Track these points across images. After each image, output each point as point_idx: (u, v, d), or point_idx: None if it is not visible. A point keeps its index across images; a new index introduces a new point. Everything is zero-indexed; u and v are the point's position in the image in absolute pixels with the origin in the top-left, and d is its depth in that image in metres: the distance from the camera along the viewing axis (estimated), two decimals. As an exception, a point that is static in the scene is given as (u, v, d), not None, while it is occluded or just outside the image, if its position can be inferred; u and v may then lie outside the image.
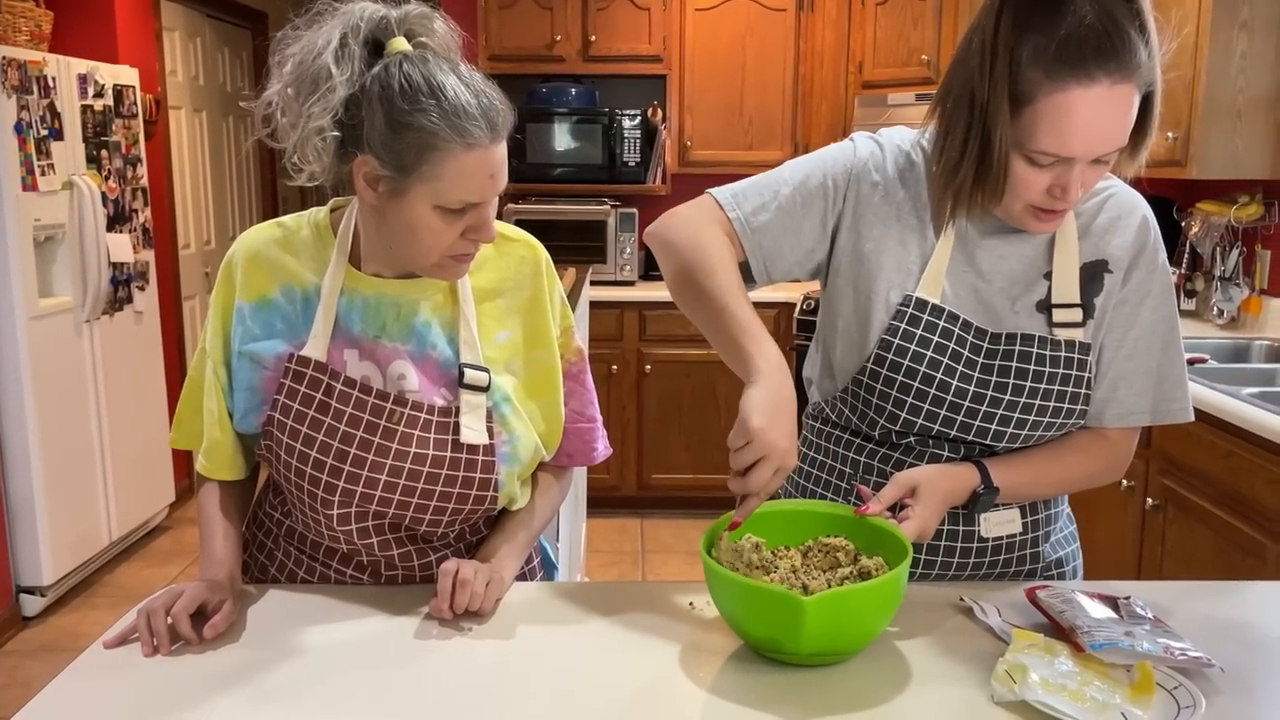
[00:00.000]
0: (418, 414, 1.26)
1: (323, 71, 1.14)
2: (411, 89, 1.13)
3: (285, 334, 1.28)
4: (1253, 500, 2.34)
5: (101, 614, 3.58)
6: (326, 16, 1.17)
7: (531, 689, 1.09)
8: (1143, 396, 1.33)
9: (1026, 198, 1.21)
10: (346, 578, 1.36)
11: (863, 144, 1.36)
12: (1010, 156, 1.18)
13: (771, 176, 1.36)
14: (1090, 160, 1.17)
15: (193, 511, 4.59)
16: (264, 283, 1.29)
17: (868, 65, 4.35)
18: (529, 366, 1.34)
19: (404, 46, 1.17)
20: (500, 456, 1.29)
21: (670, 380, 4.45)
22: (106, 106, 3.83)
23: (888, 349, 1.30)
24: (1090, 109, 1.12)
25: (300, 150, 1.17)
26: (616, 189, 4.66)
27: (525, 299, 1.34)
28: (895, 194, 1.33)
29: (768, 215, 1.33)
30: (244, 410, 1.30)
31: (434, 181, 1.15)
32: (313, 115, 1.14)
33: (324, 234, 1.31)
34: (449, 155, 1.14)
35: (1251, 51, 3.04)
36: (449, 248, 1.20)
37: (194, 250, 4.88)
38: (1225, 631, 1.21)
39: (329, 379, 1.25)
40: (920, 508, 1.22)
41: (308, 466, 1.25)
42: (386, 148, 1.15)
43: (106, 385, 3.85)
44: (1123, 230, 1.32)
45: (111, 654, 1.17)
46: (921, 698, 1.07)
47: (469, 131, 1.14)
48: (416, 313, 1.29)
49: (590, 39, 4.51)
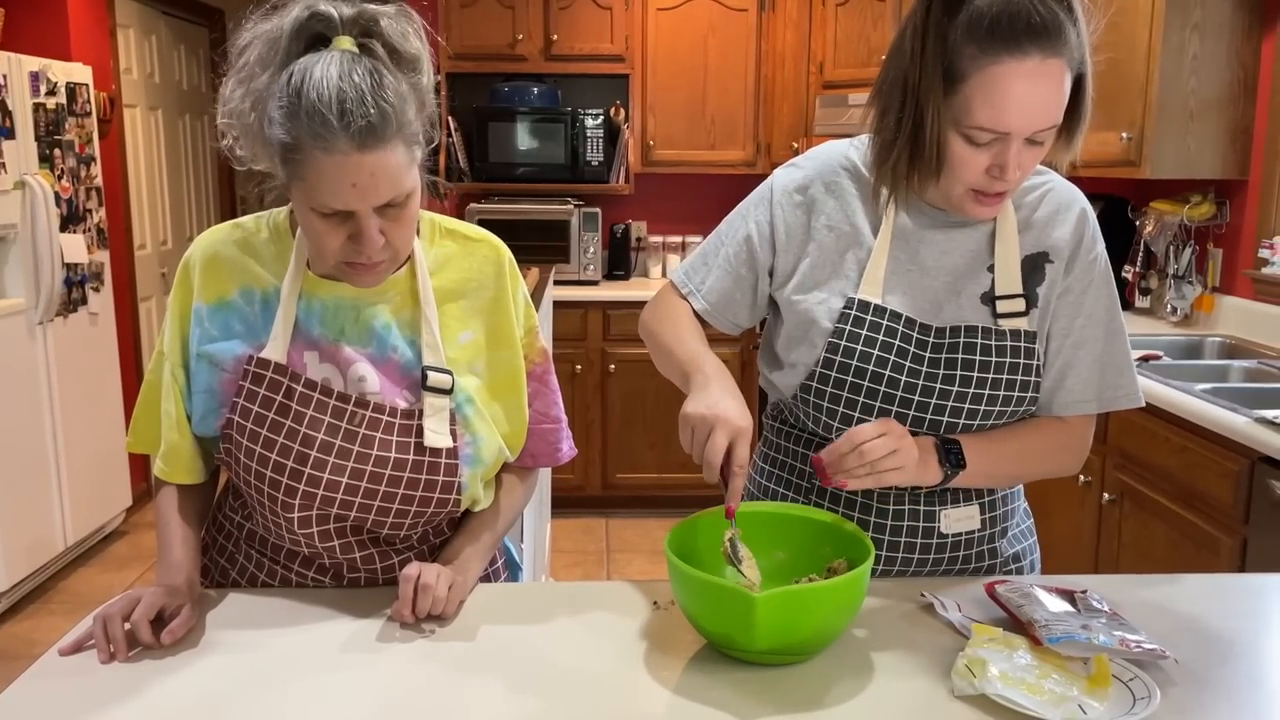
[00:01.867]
0: (379, 416, 1.25)
1: (252, 57, 1.14)
2: (290, 87, 1.09)
3: (244, 336, 1.27)
4: (1206, 494, 2.38)
5: (56, 620, 3.52)
6: (281, 10, 1.15)
7: (494, 690, 1.08)
8: (1089, 385, 1.36)
9: (966, 180, 1.24)
10: (308, 581, 1.34)
11: (779, 178, 1.42)
12: (948, 137, 1.22)
13: (712, 240, 1.47)
14: (1026, 138, 1.20)
15: (150, 516, 4.52)
16: (222, 284, 1.28)
17: (828, 65, 4.38)
18: (492, 367, 1.33)
19: (346, 45, 1.12)
20: (463, 458, 1.28)
21: (634, 380, 4.45)
22: (59, 105, 3.77)
23: (835, 352, 1.32)
24: (1024, 82, 1.16)
25: (229, 131, 1.19)
26: (579, 188, 4.66)
27: (488, 299, 1.34)
28: (824, 206, 1.37)
29: (713, 279, 1.44)
30: (202, 413, 1.28)
31: (300, 181, 1.13)
32: (237, 99, 1.15)
33: (283, 235, 1.29)
34: (308, 158, 1.10)
35: (1203, 53, 3.09)
36: (337, 253, 1.17)
37: (150, 251, 4.81)
38: (1178, 623, 1.23)
39: (289, 381, 1.24)
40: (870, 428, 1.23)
41: (268, 469, 1.23)
42: (266, 143, 1.14)
43: (61, 388, 3.79)
44: (1062, 223, 1.35)
45: (67, 661, 1.15)
46: (883, 692, 1.08)
47: (322, 136, 1.08)
48: (375, 316, 1.28)
49: (552, 38, 4.50)
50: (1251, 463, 2.22)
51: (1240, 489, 2.25)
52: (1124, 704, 1.02)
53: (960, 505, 1.37)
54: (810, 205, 1.38)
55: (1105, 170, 3.33)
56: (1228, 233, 3.34)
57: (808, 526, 1.27)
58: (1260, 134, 3.16)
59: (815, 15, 4.42)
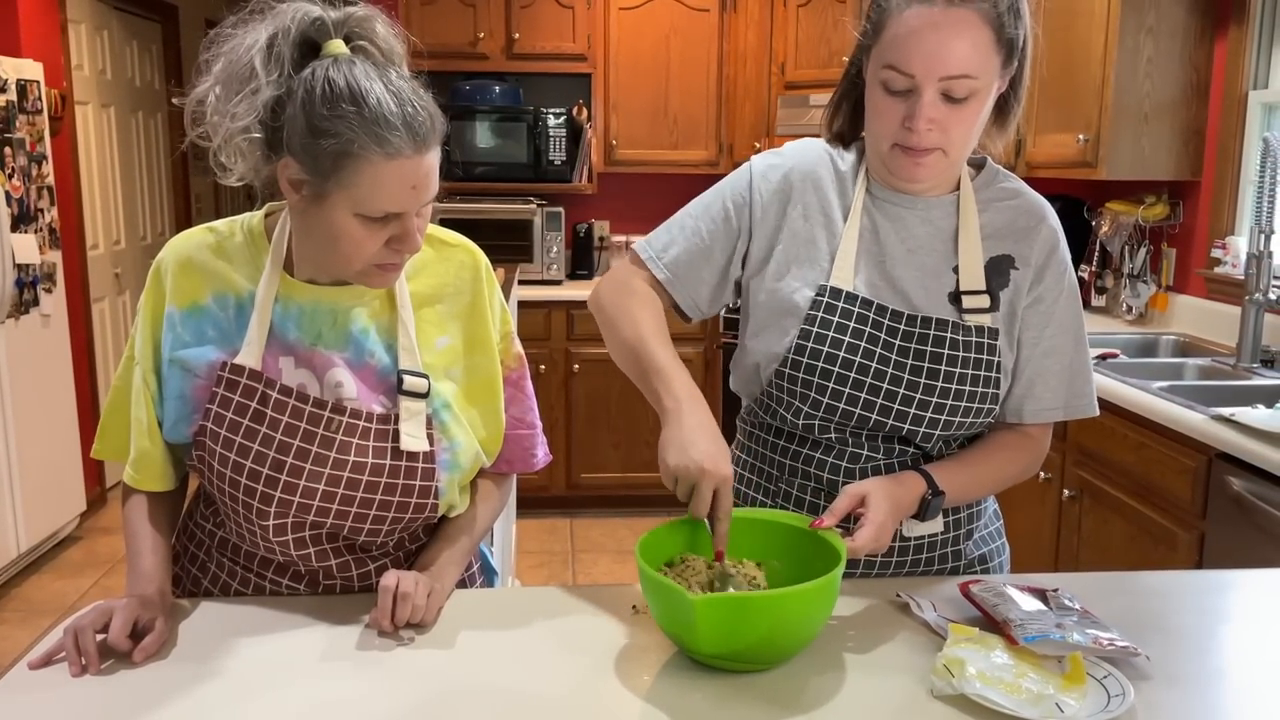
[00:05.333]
0: (356, 422, 1.24)
1: (247, 71, 1.12)
2: (333, 94, 1.10)
3: (217, 341, 1.25)
4: (1164, 490, 2.43)
5: (11, 629, 3.44)
6: (259, 16, 1.15)
7: (473, 698, 1.08)
8: (1057, 393, 1.39)
9: (883, 132, 1.29)
10: (283, 588, 1.33)
11: (758, 161, 1.43)
12: (871, 85, 1.28)
13: (680, 214, 1.45)
14: (936, 87, 1.23)
15: (105, 521, 4.44)
16: (195, 288, 1.26)
17: (790, 66, 4.41)
18: (469, 373, 1.33)
19: (340, 49, 1.15)
20: (441, 464, 1.27)
21: (598, 379, 4.45)
22: (10, 102, 3.68)
23: (807, 338, 1.33)
24: (928, 27, 1.21)
25: (225, 149, 1.16)
26: (542, 188, 4.64)
27: (465, 304, 1.33)
28: (802, 196, 1.38)
29: (677, 248, 1.42)
30: (174, 419, 1.26)
31: (352, 189, 1.13)
32: (237, 115, 1.12)
33: (258, 239, 1.28)
34: (367, 163, 1.11)
35: (1157, 56, 3.16)
36: (372, 256, 1.18)
37: (103, 251, 4.72)
38: (1146, 620, 1.25)
39: (264, 387, 1.22)
40: (874, 514, 1.24)
41: (242, 476, 1.22)
42: (306, 151, 1.12)
43: (13, 391, 3.70)
44: (1031, 232, 1.37)
45: (37, 674, 1.12)
46: (861, 693, 1.09)
47: (388, 141, 1.11)
48: (353, 320, 1.27)
49: (514, 36, 4.48)
50: (1209, 459, 2.27)
51: (1198, 485, 2.30)
52: (1099, 701, 1.04)
53: None
54: (788, 193, 1.39)
55: (1062, 171, 3.38)
56: (1181, 233, 3.41)
57: (786, 533, 1.27)
58: (1212, 136, 3.23)
59: (777, 16, 4.44)
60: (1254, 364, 2.83)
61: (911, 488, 1.30)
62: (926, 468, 1.33)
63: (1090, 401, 1.41)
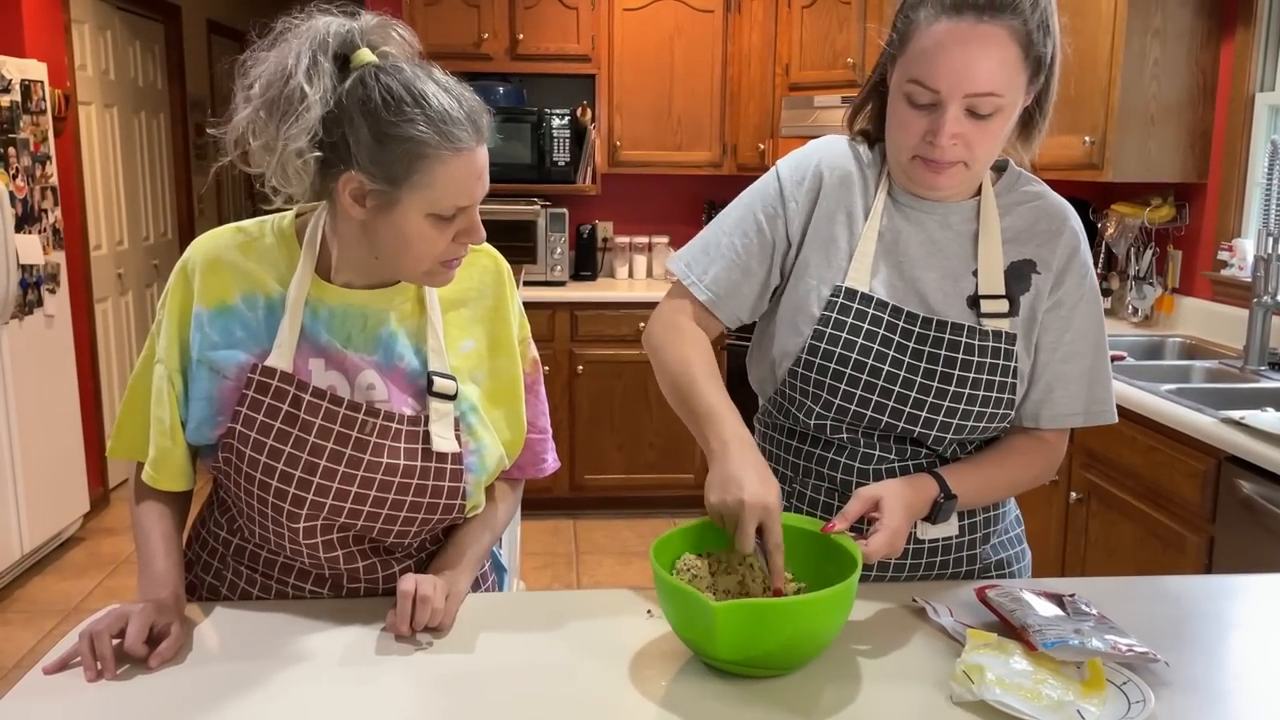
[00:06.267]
0: (389, 424, 1.24)
1: (296, 92, 1.11)
2: (394, 99, 1.12)
3: (245, 342, 1.25)
4: (1173, 493, 2.42)
5: (14, 630, 3.44)
6: (289, 35, 1.15)
7: (490, 702, 1.08)
8: (1076, 399, 1.37)
9: (905, 142, 1.27)
10: (305, 593, 1.32)
11: (785, 167, 1.42)
12: (895, 95, 1.27)
13: (713, 230, 1.43)
14: (961, 103, 1.21)
15: (109, 522, 4.43)
16: (224, 289, 1.26)
17: (794, 67, 4.40)
18: (492, 375, 1.34)
19: (370, 58, 1.16)
20: (467, 465, 1.28)
21: (602, 380, 4.44)
22: (14, 102, 3.68)
23: (820, 339, 1.33)
24: (956, 43, 1.20)
25: (280, 174, 1.15)
26: (546, 189, 4.63)
27: (488, 308, 1.34)
28: (829, 193, 1.38)
29: (716, 268, 1.40)
30: (199, 421, 1.26)
31: (426, 190, 1.14)
32: (291, 138, 1.11)
33: (289, 241, 1.28)
34: (439, 162, 1.13)
35: (1164, 58, 3.15)
36: (441, 254, 1.20)
37: (106, 251, 4.71)
38: (1162, 626, 1.25)
39: (295, 390, 1.22)
40: (888, 519, 1.23)
41: (273, 479, 1.22)
42: (374, 161, 1.13)
43: (16, 391, 3.70)
44: (1052, 236, 1.36)
45: (52, 679, 1.11)
46: (879, 700, 1.08)
47: (456, 136, 1.13)
48: (383, 323, 1.27)
49: (518, 37, 4.48)
50: (1218, 462, 2.27)
51: (1207, 488, 2.30)
52: (1120, 708, 1.03)
53: None
54: (816, 190, 1.38)
55: (1068, 173, 3.38)
56: (1187, 235, 3.40)
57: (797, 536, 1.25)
58: (1219, 138, 3.22)
59: (781, 17, 4.43)
60: (1261, 367, 2.82)
61: (924, 491, 1.29)
62: (939, 470, 1.32)
63: (1109, 409, 1.40)
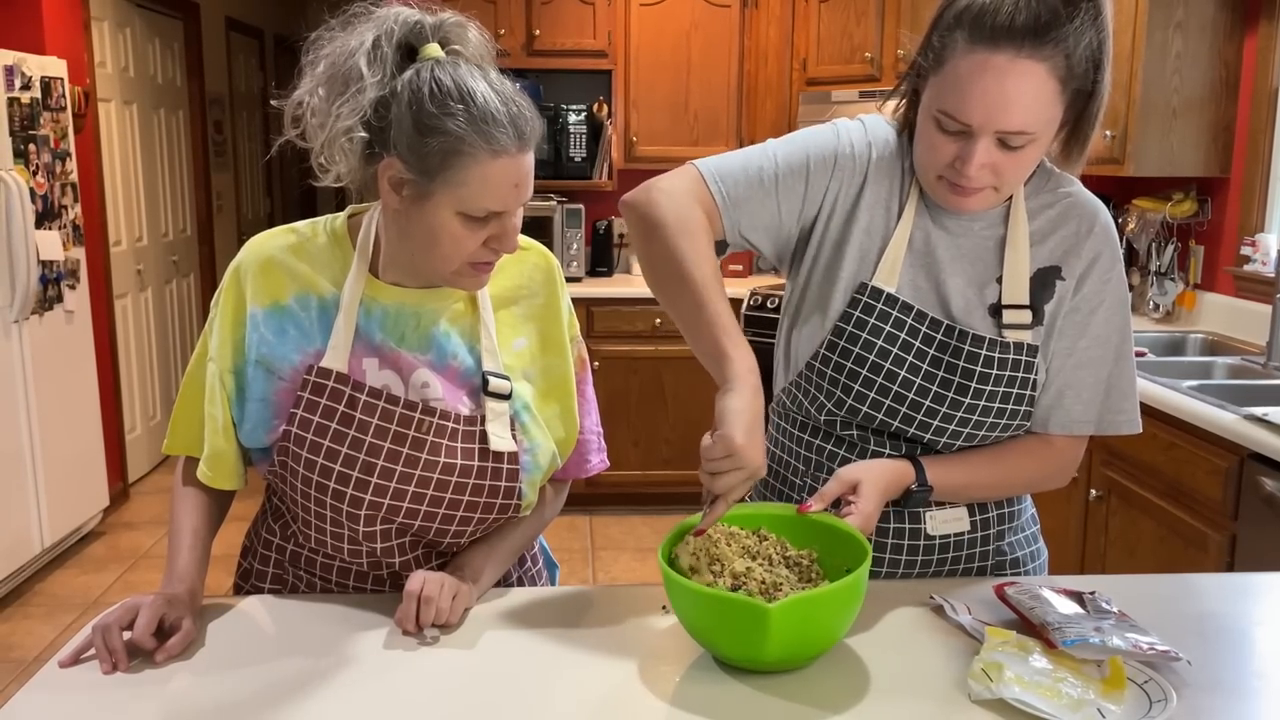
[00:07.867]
0: (446, 423, 1.24)
1: (354, 72, 1.14)
2: (441, 93, 1.12)
3: (298, 342, 1.25)
4: (1195, 490, 2.40)
5: (35, 624, 3.46)
6: (361, 19, 1.17)
7: (498, 699, 1.07)
8: (1089, 407, 1.33)
9: (932, 164, 1.24)
10: (366, 593, 1.33)
11: (844, 130, 1.35)
12: (925, 118, 1.22)
13: (755, 154, 1.33)
14: (993, 136, 1.18)
15: (128, 516, 4.46)
16: (277, 288, 1.26)
17: (811, 62, 4.38)
18: (544, 374, 1.34)
19: (437, 53, 1.16)
20: (521, 465, 1.28)
21: (618, 377, 4.43)
22: (34, 99, 3.70)
23: (840, 335, 1.31)
24: (989, 77, 1.15)
25: (328, 150, 1.17)
26: (562, 184, 4.63)
27: (539, 306, 1.34)
28: (876, 179, 1.33)
29: (748, 192, 1.31)
30: (254, 423, 1.26)
31: (458, 187, 1.14)
32: (341, 115, 1.14)
33: (341, 241, 1.28)
34: (474, 161, 1.13)
35: (1186, 52, 3.12)
36: (470, 255, 1.19)
37: (125, 247, 4.74)
38: (1184, 624, 1.23)
39: (351, 390, 1.22)
40: (862, 503, 1.22)
41: (330, 480, 1.22)
42: (412, 150, 1.13)
43: (36, 387, 3.72)
44: (1078, 237, 1.32)
45: (69, 672, 1.12)
46: (898, 697, 1.07)
47: (495, 138, 1.13)
48: (435, 322, 1.27)
49: (534, 33, 4.47)
50: (1241, 459, 2.24)
51: (1229, 485, 2.27)
52: (1141, 707, 1.02)
53: (947, 507, 1.36)
54: (865, 172, 1.32)
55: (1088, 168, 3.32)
56: (1209, 230, 3.37)
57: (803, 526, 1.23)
58: (1242, 132, 3.19)
59: (798, 12, 4.41)
60: (1285, 363, 2.79)
61: (899, 475, 1.28)
62: (922, 459, 1.30)
63: (1130, 419, 1.34)
